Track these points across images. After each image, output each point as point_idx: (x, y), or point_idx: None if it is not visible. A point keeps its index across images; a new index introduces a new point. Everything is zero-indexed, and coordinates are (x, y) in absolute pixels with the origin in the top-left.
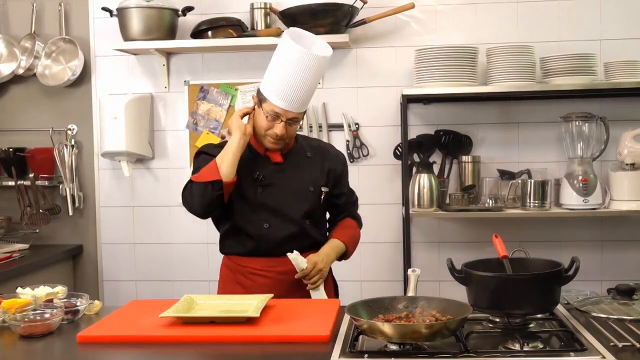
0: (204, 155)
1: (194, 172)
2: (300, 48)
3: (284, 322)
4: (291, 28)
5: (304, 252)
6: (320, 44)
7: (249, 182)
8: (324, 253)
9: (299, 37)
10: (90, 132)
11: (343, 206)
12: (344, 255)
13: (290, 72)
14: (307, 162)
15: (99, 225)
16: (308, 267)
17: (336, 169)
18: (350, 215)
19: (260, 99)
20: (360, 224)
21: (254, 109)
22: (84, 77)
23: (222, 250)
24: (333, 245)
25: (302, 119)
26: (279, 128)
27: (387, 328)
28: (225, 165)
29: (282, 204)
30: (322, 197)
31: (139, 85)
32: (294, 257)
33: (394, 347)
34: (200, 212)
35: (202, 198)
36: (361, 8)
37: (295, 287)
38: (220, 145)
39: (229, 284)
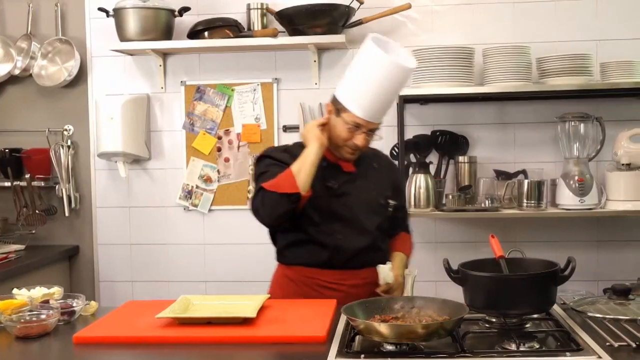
0: (269, 160)
1: (259, 177)
2: (390, 59)
3: (281, 323)
4: (374, 35)
5: (373, 265)
6: (404, 54)
7: (322, 191)
8: (397, 267)
9: (384, 45)
10: (86, 132)
11: (401, 220)
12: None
13: (375, 83)
14: (375, 173)
15: (95, 226)
16: (393, 282)
17: (399, 182)
18: (406, 230)
19: (338, 108)
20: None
21: (328, 118)
22: (80, 78)
23: (283, 261)
24: (403, 259)
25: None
26: (359, 139)
27: (383, 328)
28: (303, 175)
29: (357, 215)
30: (389, 210)
31: (136, 85)
32: (387, 269)
33: (390, 348)
34: (271, 223)
35: (275, 209)
36: (358, 8)
37: None
38: (285, 150)
39: (291, 296)
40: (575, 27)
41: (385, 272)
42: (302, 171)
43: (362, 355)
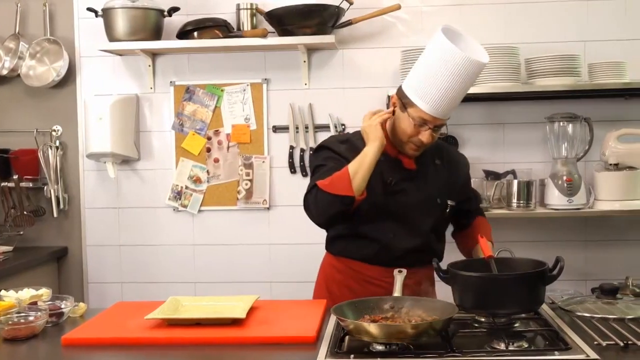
0: (327, 152)
1: (315, 170)
2: (463, 55)
3: (270, 323)
4: (446, 27)
5: (424, 266)
6: (476, 47)
7: (379, 186)
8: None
9: (456, 37)
10: (75, 133)
11: (473, 211)
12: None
13: (446, 79)
14: (436, 171)
15: (84, 227)
16: None
17: (464, 178)
18: (480, 214)
19: (404, 102)
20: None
21: (393, 113)
22: (68, 78)
23: (331, 250)
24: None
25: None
26: (425, 136)
27: (373, 328)
28: (359, 178)
29: (411, 214)
30: (447, 211)
31: (125, 86)
32: None
33: (380, 348)
34: (323, 224)
35: (327, 210)
36: (347, 9)
37: None
38: (345, 140)
39: (334, 285)
40: (563, 28)
41: None
42: (359, 173)
43: (352, 356)
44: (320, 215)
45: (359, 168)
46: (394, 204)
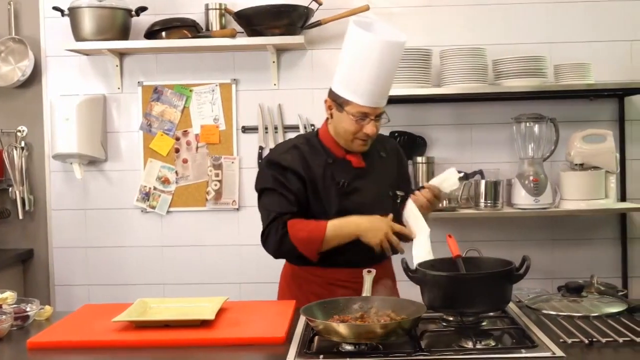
0: (274, 169)
1: (262, 193)
2: (379, 39)
3: (240, 325)
4: (355, 19)
5: (382, 261)
6: (390, 30)
7: (331, 189)
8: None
9: (369, 26)
10: (40, 133)
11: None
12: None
13: (371, 67)
14: (383, 164)
15: (50, 229)
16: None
17: (404, 166)
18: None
19: (339, 103)
20: None
21: (331, 116)
22: (34, 78)
23: (292, 261)
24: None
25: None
26: (369, 128)
27: (342, 328)
28: (330, 245)
29: (367, 212)
30: (398, 202)
31: (92, 86)
32: (454, 175)
33: (349, 348)
34: (273, 256)
35: (284, 254)
36: (316, 10)
37: None
38: (291, 148)
39: (300, 295)
40: (529, 30)
41: (453, 177)
42: (334, 241)
43: (321, 356)
44: (275, 252)
45: (337, 236)
46: (350, 205)
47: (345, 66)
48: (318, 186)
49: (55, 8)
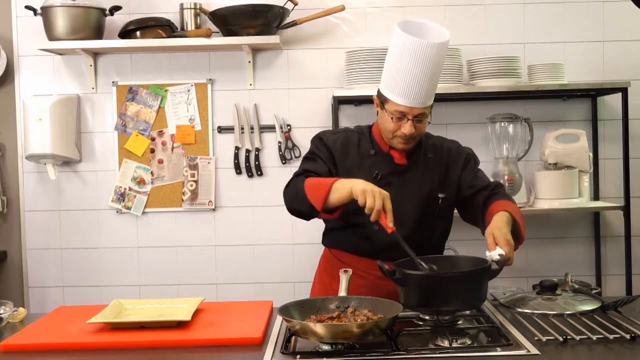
0: (317, 142)
1: (303, 159)
2: (413, 39)
3: (216, 326)
4: (402, 20)
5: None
6: (435, 29)
7: (366, 179)
8: (497, 228)
9: (412, 27)
10: (13, 134)
11: (487, 200)
12: (516, 233)
13: (408, 66)
14: (427, 165)
15: (23, 230)
16: (507, 253)
17: (457, 169)
18: (500, 198)
19: (382, 101)
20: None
21: (376, 114)
22: (6, 78)
23: (325, 242)
24: (503, 217)
25: (430, 113)
26: (406, 128)
27: (319, 328)
28: (334, 198)
29: (396, 208)
30: (438, 204)
31: (65, 86)
32: (494, 255)
33: (326, 347)
34: (286, 207)
35: (293, 202)
36: (292, 10)
37: (392, 293)
38: (338, 132)
39: (326, 277)
40: (503, 31)
41: (492, 257)
42: (336, 193)
43: (298, 356)
44: (287, 202)
45: (341, 188)
46: None
47: (388, 67)
48: (352, 173)
49: (27, 7)
